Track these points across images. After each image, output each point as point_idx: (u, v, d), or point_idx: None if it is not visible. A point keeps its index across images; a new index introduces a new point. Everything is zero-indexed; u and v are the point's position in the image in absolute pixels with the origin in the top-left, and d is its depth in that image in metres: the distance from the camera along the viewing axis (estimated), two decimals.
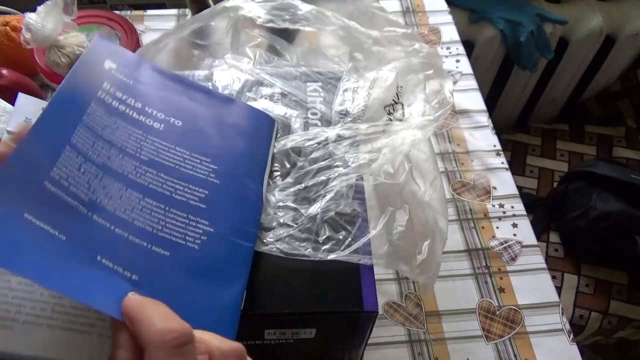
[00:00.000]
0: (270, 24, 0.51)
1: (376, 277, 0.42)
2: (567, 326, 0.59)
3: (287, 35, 0.53)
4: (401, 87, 0.51)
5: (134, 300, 0.27)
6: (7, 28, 0.72)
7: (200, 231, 0.38)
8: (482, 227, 0.66)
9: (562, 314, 0.60)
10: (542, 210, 1.12)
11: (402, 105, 0.50)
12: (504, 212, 0.68)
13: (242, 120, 0.45)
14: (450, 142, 0.75)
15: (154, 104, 0.41)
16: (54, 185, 0.32)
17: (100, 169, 0.35)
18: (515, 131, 1.34)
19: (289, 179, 0.44)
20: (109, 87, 0.39)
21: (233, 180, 0.41)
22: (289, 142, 0.46)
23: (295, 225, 0.42)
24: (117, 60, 0.41)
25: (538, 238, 0.81)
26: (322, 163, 0.44)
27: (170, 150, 0.39)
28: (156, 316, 0.25)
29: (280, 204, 0.43)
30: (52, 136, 0.34)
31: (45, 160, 0.33)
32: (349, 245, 0.41)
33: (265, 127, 0.47)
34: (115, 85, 0.40)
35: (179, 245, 0.36)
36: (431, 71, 0.52)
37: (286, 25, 0.51)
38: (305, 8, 0.51)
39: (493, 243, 0.65)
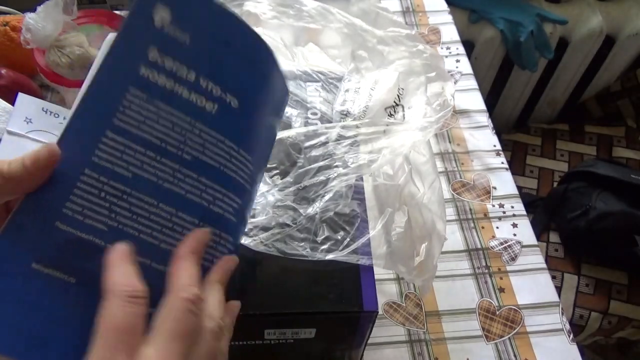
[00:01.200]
0: (275, 20, 0.51)
1: (376, 277, 0.42)
2: (567, 326, 0.59)
3: None
4: (402, 89, 0.51)
5: (116, 252, 0.29)
6: (7, 28, 0.72)
7: (226, 251, 0.33)
8: (482, 227, 0.66)
9: (562, 314, 0.60)
10: (542, 210, 1.12)
11: (403, 107, 0.50)
12: (504, 212, 0.68)
13: (282, 103, 0.38)
14: (450, 142, 0.75)
15: (210, 72, 0.31)
16: (66, 224, 0.28)
17: (127, 185, 0.29)
18: (515, 131, 1.34)
19: (288, 178, 0.44)
20: (157, 56, 0.30)
21: (255, 187, 0.36)
22: (289, 134, 0.46)
23: (294, 225, 0.42)
24: (173, 4, 0.30)
25: (538, 238, 0.81)
26: (321, 163, 0.44)
27: (219, 145, 0.32)
28: (121, 272, 0.28)
29: (279, 203, 0.43)
30: (69, 161, 0.29)
31: (58, 196, 0.28)
32: (347, 246, 0.41)
33: (284, 106, 0.40)
34: (166, 49, 0.30)
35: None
36: (433, 73, 0.52)
37: (291, 21, 0.51)
38: (310, 4, 0.51)
39: (493, 243, 0.65)
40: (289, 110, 0.49)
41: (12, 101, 0.61)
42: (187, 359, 0.27)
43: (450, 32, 0.88)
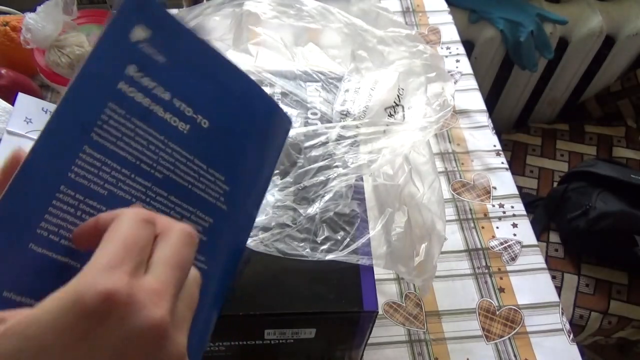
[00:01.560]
0: (275, 20, 0.51)
1: (376, 277, 0.42)
2: (567, 326, 0.59)
3: None
4: (402, 89, 0.51)
5: None
6: (7, 28, 0.72)
7: (195, 268, 0.33)
8: (482, 227, 0.66)
9: (562, 314, 0.60)
10: (542, 210, 1.12)
11: (403, 107, 0.50)
12: (504, 212, 0.68)
13: (268, 125, 0.38)
14: (450, 142, 0.75)
15: (184, 94, 0.32)
16: (40, 246, 0.27)
17: (102, 203, 0.29)
18: (515, 131, 1.34)
19: (288, 179, 0.44)
20: (134, 71, 0.30)
21: (237, 206, 0.35)
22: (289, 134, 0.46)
23: (294, 226, 0.42)
24: (151, 24, 0.30)
25: (538, 238, 0.81)
26: (321, 163, 0.44)
27: (188, 164, 0.32)
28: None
29: (279, 203, 0.43)
30: (43, 176, 0.27)
31: (32, 214, 0.27)
32: (347, 246, 0.41)
33: (283, 133, 0.40)
34: (143, 67, 0.30)
35: None
36: (433, 74, 0.52)
37: (291, 21, 0.51)
38: (310, 4, 0.51)
39: (493, 243, 0.65)
40: (289, 110, 0.49)
41: (12, 101, 0.61)
42: (180, 291, 0.26)
43: (450, 32, 0.88)
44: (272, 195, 0.43)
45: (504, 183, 0.71)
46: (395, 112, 0.49)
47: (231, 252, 0.36)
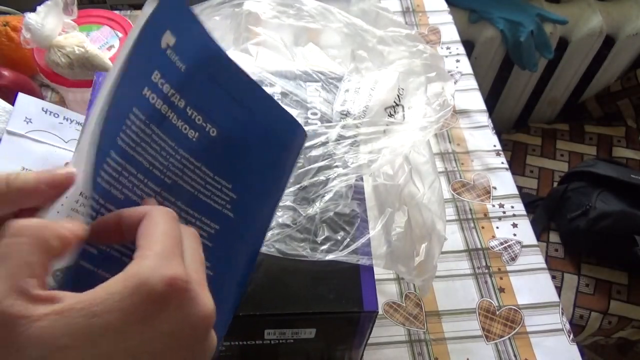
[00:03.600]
0: (275, 20, 0.51)
1: (376, 277, 0.42)
2: (567, 326, 0.59)
3: None
4: (402, 89, 0.51)
5: None
6: (7, 28, 0.72)
7: None
8: (482, 227, 0.66)
9: (562, 314, 0.60)
10: (542, 210, 1.12)
11: (403, 107, 0.50)
12: (504, 212, 0.68)
13: (282, 136, 0.38)
14: (450, 142, 0.75)
15: (196, 103, 0.32)
16: None
17: (118, 207, 0.29)
18: (515, 131, 1.34)
19: None
20: (158, 78, 0.30)
21: (247, 214, 0.36)
22: None
23: (294, 226, 0.42)
24: (180, 30, 0.30)
25: (538, 238, 0.81)
26: (321, 163, 0.44)
27: (196, 171, 0.33)
28: None
29: (280, 203, 0.43)
30: (77, 180, 0.27)
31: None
32: (347, 246, 0.41)
33: (298, 145, 0.40)
34: (166, 73, 0.30)
35: None
36: (433, 73, 0.52)
37: (291, 21, 0.51)
38: (310, 4, 0.51)
39: (493, 243, 0.65)
40: (289, 110, 0.49)
41: (12, 101, 0.61)
42: None
43: (450, 32, 0.89)
44: None
45: (504, 183, 0.71)
46: (395, 112, 0.49)
47: (241, 260, 0.36)
